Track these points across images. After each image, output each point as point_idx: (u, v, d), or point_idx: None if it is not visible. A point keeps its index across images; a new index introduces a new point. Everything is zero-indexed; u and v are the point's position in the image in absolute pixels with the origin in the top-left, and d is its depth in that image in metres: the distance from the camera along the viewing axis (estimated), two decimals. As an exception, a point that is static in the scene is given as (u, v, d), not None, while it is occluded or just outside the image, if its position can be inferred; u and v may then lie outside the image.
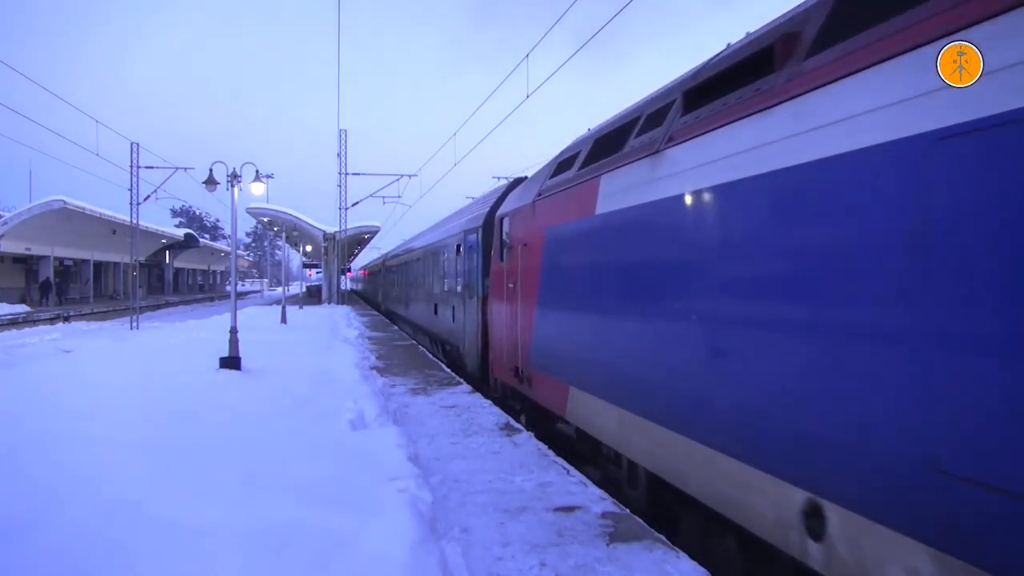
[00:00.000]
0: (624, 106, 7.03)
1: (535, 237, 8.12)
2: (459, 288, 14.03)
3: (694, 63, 5.66)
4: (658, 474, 5.17)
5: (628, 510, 5.35)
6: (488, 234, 11.66)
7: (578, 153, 7.36)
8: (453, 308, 14.77)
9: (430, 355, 16.99)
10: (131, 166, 28.17)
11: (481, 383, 12.19)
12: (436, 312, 17.66)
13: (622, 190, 5.70)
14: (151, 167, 29.07)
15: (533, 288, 8.10)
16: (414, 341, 20.96)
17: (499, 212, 10.44)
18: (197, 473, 5.42)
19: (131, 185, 28.28)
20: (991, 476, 2.49)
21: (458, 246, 14.33)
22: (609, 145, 6.40)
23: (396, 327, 27.07)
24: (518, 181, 11.98)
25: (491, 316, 10.83)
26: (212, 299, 68.05)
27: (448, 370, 14.10)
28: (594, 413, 6.37)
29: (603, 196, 6.12)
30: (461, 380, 12.60)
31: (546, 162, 8.96)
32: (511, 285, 9.04)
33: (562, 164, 7.83)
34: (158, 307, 49.76)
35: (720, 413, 4.23)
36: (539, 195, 8.21)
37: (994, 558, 2.49)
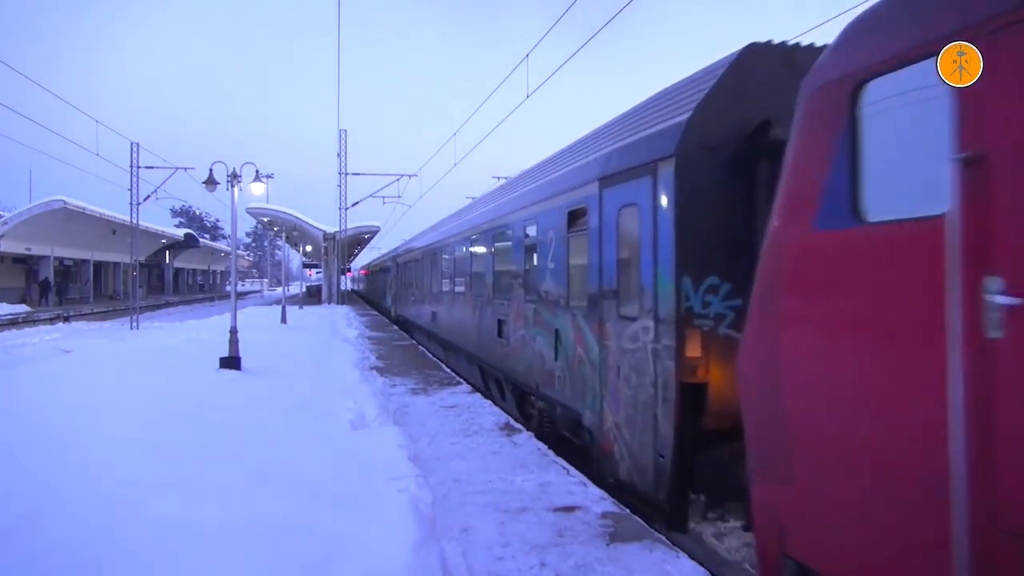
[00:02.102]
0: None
1: None
2: (575, 298, 7.58)
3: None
4: None
5: (628, 510, 5.35)
6: (695, 172, 5.39)
7: None
8: (557, 334, 8.07)
9: (430, 355, 16.95)
10: (131, 166, 28.21)
11: (665, 525, 5.39)
12: (502, 334, 10.68)
13: None
14: (151, 167, 29.15)
15: None
16: (414, 341, 20.94)
17: (845, 72, 3.09)
18: (197, 473, 5.42)
19: (131, 185, 28.34)
20: None
21: (571, 213, 7.80)
22: None
23: (396, 327, 26.95)
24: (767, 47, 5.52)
25: (830, 378, 3.08)
26: (212, 299, 68.04)
27: (448, 370, 14.08)
28: None
29: None
30: (461, 380, 12.58)
31: None
32: None
33: None
34: (158, 307, 49.76)
35: None
36: None
37: None
